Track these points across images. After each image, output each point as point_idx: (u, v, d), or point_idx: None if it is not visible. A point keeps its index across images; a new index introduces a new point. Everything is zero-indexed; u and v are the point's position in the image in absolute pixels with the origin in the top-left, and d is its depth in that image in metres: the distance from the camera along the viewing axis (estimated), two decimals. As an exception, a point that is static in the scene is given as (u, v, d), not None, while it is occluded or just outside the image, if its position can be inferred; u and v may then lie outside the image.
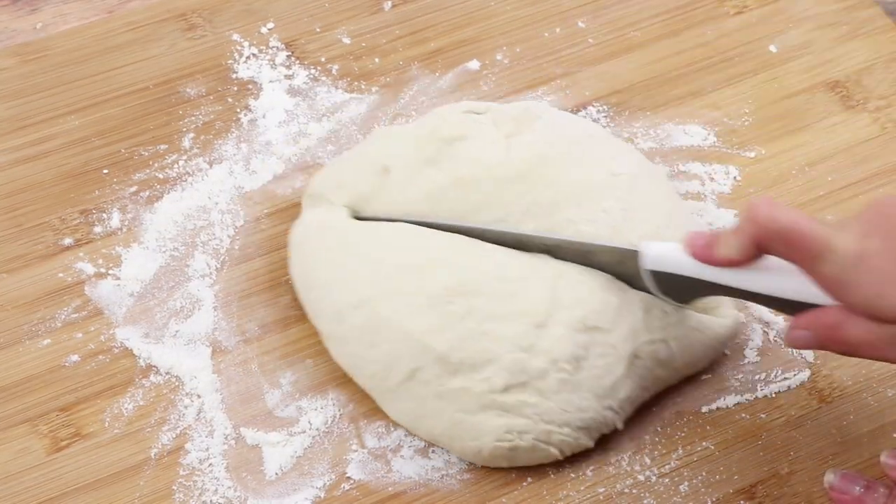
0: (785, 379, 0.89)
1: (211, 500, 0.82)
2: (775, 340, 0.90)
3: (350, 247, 0.88)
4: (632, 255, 0.83)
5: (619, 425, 0.85)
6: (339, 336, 0.87)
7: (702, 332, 0.86)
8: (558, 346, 0.82)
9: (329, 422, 0.86)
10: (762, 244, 0.76)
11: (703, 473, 0.84)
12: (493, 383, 0.82)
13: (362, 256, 0.87)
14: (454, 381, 0.83)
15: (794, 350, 0.89)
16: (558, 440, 0.83)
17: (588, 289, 0.84)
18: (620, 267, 0.84)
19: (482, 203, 0.88)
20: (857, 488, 0.78)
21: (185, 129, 1.00)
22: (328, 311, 0.87)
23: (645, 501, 0.83)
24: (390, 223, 0.88)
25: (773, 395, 0.88)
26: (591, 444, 0.84)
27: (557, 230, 0.87)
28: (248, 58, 1.04)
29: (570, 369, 0.82)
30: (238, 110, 1.01)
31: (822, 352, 0.89)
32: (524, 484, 0.84)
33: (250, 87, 1.03)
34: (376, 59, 1.05)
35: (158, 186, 0.97)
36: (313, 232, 0.90)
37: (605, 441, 0.86)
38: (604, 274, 0.85)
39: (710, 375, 0.89)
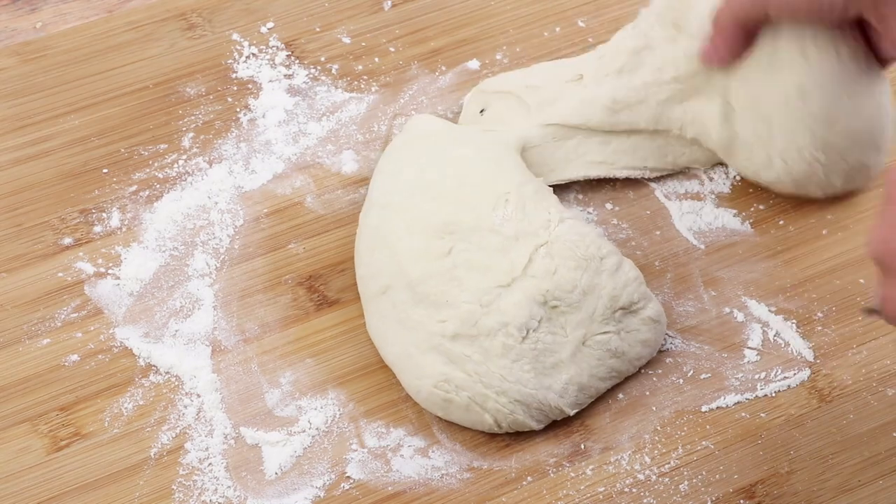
0: (785, 378, 0.89)
1: (210, 500, 0.82)
2: (775, 340, 0.90)
3: (414, 150, 0.92)
4: None
5: (569, 411, 0.85)
6: (360, 229, 0.90)
7: (648, 327, 0.87)
8: (512, 311, 0.84)
9: (329, 421, 0.86)
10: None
11: (703, 472, 0.84)
12: (445, 327, 0.84)
13: (410, 162, 0.91)
14: (415, 312, 0.85)
15: (794, 349, 0.89)
16: (494, 408, 0.84)
17: (564, 264, 0.85)
18: None
19: (683, 91, 0.94)
20: None
21: (184, 129, 1.00)
22: (366, 202, 0.91)
23: (645, 501, 0.83)
24: (479, 138, 0.92)
25: (773, 395, 0.88)
26: (535, 425, 0.85)
27: None
28: (247, 57, 1.04)
29: (516, 336, 0.83)
30: (238, 110, 1.01)
31: (823, 351, 0.89)
32: (524, 483, 0.84)
33: (250, 86, 1.03)
34: (376, 59, 1.05)
35: (158, 186, 0.97)
36: (419, 128, 0.94)
37: (605, 440, 0.86)
38: (593, 245, 0.86)
39: (709, 375, 0.89)
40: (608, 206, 0.96)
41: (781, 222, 0.96)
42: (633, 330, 0.86)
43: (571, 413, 0.85)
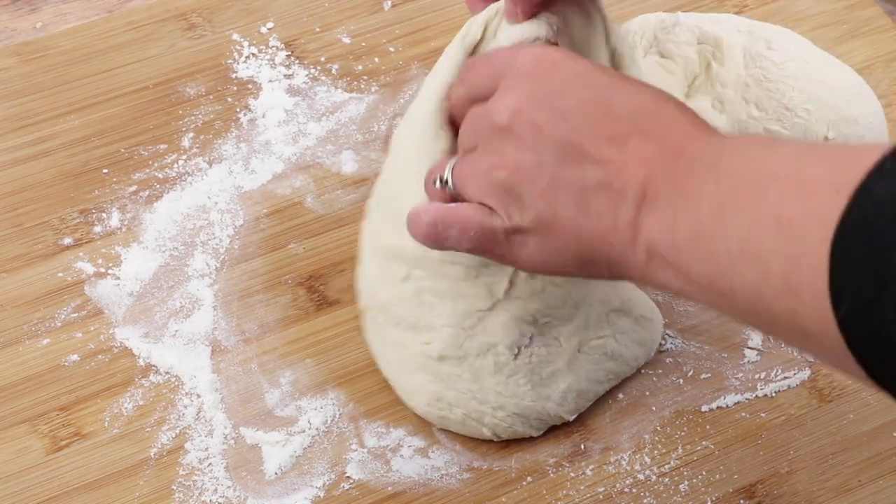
0: (785, 378, 0.89)
1: (210, 500, 0.82)
2: (775, 339, 0.90)
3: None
4: None
5: (568, 418, 0.85)
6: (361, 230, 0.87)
7: (643, 326, 0.87)
8: (500, 332, 0.82)
9: (329, 421, 0.86)
10: None
11: (703, 472, 0.84)
12: (429, 349, 0.82)
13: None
14: (395, 334, 0.84)
15: (795, 350, 0.89)
16: (491, 422, 0.83)
17: (551, 281, 0.82)
18: None
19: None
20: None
21: (184, 129, 1.00)
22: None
23: (645, 501, 0.83)
24: None
25: (774, 395, 0.88)
26: (534, 433, 0.84)
27: None
28: (247, 57, 1.04)
29: (507, 354, 0.82)
30: (237, 110, 1.01)
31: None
32: (524, 483, 0.84)
33: (250, 86, 1.03)
34: (376, 59, 1.05)
35: (158, 186, 0.97)
36: None
37: (605, 441, 0.86)
38: None
39: (709, 375, 0.89)
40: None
41: (781, 222, 0.96)
42: (628, 330, 0.86)
43: (571, 419, 0.85)
